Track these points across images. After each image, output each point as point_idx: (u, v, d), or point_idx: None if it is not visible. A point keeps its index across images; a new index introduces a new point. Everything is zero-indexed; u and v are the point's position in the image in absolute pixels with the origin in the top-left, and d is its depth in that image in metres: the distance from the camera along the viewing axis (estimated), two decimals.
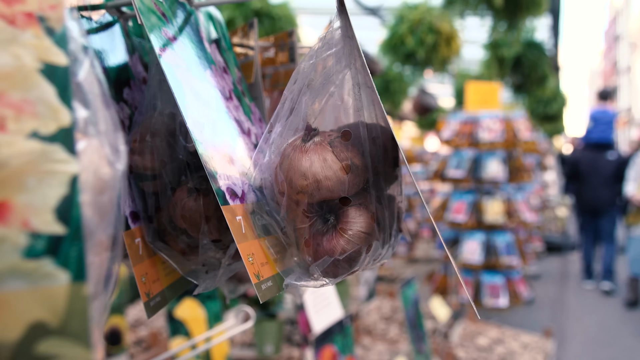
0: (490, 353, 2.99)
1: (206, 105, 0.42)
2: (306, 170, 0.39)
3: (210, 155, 0.40)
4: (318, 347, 1.65)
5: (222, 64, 0.47)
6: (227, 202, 0.40)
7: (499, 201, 4.20)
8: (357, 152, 0.41)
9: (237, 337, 2.75)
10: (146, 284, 0.43)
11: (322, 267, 0.41)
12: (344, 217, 0.41)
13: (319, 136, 0.42)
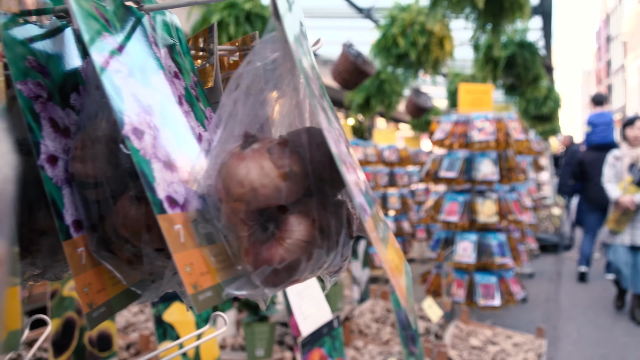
0: (483, 353, 2.99)
1: (148, 112, 0.41)
2: (243, 178, 0.39)
3: (148, 162, 0.39)
4: (306, 350, 1.64)
5: (174, 68, 0.47)
6: (164, 211, 0.39)
7: (492, 201, 4.20)
8: (297, 159, 0.40)
9: (229, 340, 2.74)
10: (89, 294, 0.42)
11: (262, 277, 0.40)
12: (284, 225, 0.41)
13: (257, 143, 0.41)
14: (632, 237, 4.89)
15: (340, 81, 5.60)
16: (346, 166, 0.38)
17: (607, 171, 5.13)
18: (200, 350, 2.03)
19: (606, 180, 5.11)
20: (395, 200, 7.12)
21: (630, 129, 4.98)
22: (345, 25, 7.09)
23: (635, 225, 4.90)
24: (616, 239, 4.98)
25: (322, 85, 0.47)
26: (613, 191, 4.97)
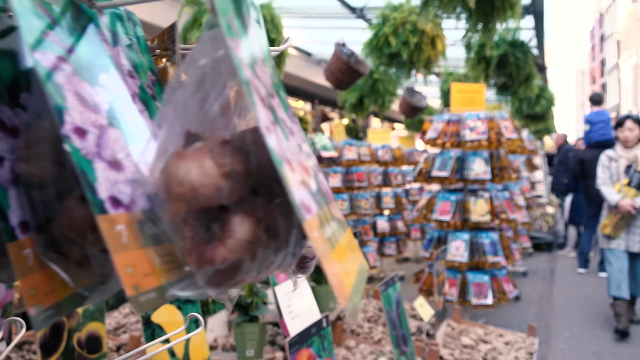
0: (474, 352, 3.00)
1: (94, 110, 0.41)
2: (183, 178, 0.38)
3: (90, 162, 0.39)
4: (294, 350, 1.64)
5: (128, 67, 0.46)
6: (105, 211, 0.39)
7: (484, 200, 4.21)
8: (241, 158, 0.40)
9: (220, 340, 2.73)
10: (35, 296, 0.42)
11: (205, 277, 0.40)
12: (226, 225, 0.40)
13: (200, 142, 0.41)
14: (627, 243, 4.63)
15: (332, 81, 5.60)
16: (290, 165, 0.38)
17: (600, 173, 4.85)
18: (189, 350, 2.02)
19: (601, 183, 4.82)
20: (389, 199, 7.13)
21: (620, 130, 4.74)
22: (339, 25, 7.08)
23: (630, 230, 4.63)
24: (611, 244, 4.71)
25: (276, 83, 0.47)
26: (611, 194, 4.66)
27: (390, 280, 2.58)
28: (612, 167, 4.78)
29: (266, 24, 3.50)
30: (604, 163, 4.86)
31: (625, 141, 4.69)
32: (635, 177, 4.59)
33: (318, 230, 0.37)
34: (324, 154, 4.83)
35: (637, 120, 4.69)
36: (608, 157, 4.84)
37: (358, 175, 6.20)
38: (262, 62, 0.45)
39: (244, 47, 0.39)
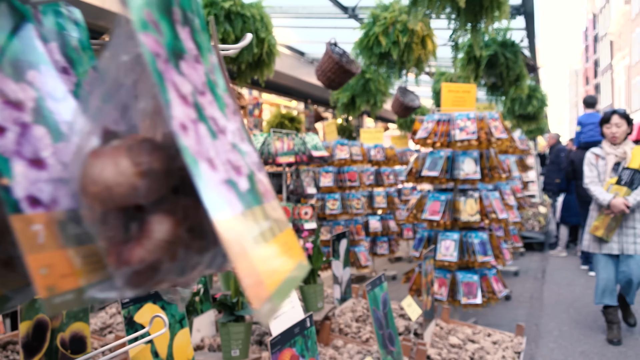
0: (462, 351, 3.00)
1: (16, 107, 0.40)
2: (97, 176, 0.38)
3: (7, 160, 0.38)
4: (276, 350, 1.64)
5: (63, 63, 0.46)
6: (20, 211, 0.39)
7: (474, 200, 4.22)
8: (160, 156, 0.39)
9: (207, 340, 2.72)
10: None
11: (124, 278, 0.40)
12: (145, 225, 0.40)
13: (118, 140, 0.41)
14: (620, 246, 4.32)
15: (324, 80, 5.60)
16: (211, 163, 0.38)
17: (588, 172, 4.52)
18: (173, 350, 2.01)
19: (589, 182, 4.49)
20: (382, 199, 7.15)
21: (607, 126, 4.44)
22: (332, 25, 7.08)
23: (623, 231, 4.34)
24: (603, 248, 4.39)
25: (212, 81, 0.46)
26: (602, 194, 4.33)
27: (377, 280, 2.58)
28: (599, 165, 4.48)
29: (255, 23, 3.49)
30: (591, 161, 4.54)
31: (613, 137, 4.40)
32: (625, 175, 4.31)
33: (234, 230, 0.36)
34: (314, 153, 4.83)
35: (624, 115, 4.45)
36: (595, 154, 4.55)
37: (350, 174, 6.21)
38: (193, 59, 0.44)
39: (164, 42, 0.39)
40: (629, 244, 4.31)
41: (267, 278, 0.38)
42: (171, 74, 0.38)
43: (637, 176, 4.27)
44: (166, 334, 2.00)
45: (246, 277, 0.35)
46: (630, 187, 4.27)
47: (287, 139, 4.95)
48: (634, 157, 4.31)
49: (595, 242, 4.46)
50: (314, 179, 5.14)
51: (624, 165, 4.35)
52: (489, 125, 4.18)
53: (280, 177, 5.09)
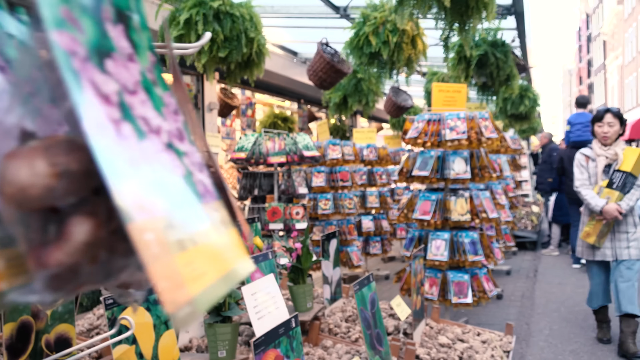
0: (451, 350, 3.00)
1: None
2: (12, 178, 0.37)
3: None
4: (259, 351, 1.63)
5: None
6: None
7: (464, 200, 4.22)
8: (79, 157, 0.39)
9: (195, 341, 2.72)
10: None
11: (43, 281, 0.39)
12: (65, 227, 0.39)
13: (36, 141, 0.40)
14: (614, 252, 4.10)
15: (315, 80, 5.60)
16: (134, 164, 0.37)
17: (578, 174, 4.26)
18: (158, 352, 2.01)
19: (579, 185, 4.23)
20: (374, 199, 7.15)
21: (599, 125, 4.17)
22: (324, 25, 7.08)
23: (615, 236, 4.10)
24: (596, 254, 4.16)
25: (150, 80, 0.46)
26: (593, 199, 4.06)
27: (365, 280, 2.58)
28: (589, 167, 4.22)
29: (245, 23, 3.49)
30: (581, 162, 4.28)
31: (604, 137, 4.13)
32: (617, 178, 4.05)
33: (151, 232, 0.36)
34: (306, 153, 4.83)
35: (618, 115, 4.18)
36: (585, 156, 4.27)
37: (342, 174, 6.21)
38: (126, 57, 0.44)
39: (85, 40, 0.38)
40: (622, 249, 4.08)
41: (191, 281, 0.37)
42: (91, 73, 0.38)
43: (630, 179, 4.02)
44: (151, 334, 1.99)
45: (161, 280, 0.35)
46: (622, 191, 4.01)
47: (278, 139, 4.95)
48: (625, 159, 4.05)
49: (588, 248, 4.23)
50: (306, 179, 5.14)
51: (615, 167, 4.08)
52: (479, 125, 4.19)
53: (272, 177, 5.09)
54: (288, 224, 4.97)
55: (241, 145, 4.88)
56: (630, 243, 4.07)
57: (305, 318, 2.99)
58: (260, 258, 2.70)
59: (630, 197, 4.01)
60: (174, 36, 3.38)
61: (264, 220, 4.97)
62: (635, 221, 4.15)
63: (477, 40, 4.90)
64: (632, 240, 4.07)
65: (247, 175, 5.10)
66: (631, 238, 4.08)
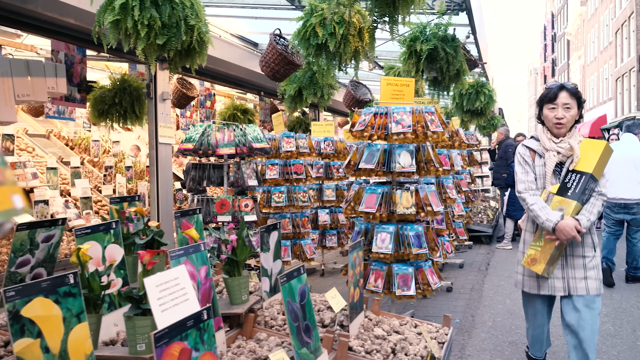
0: (385, 342, 3.01)
1: None
2: None
3: None
4: (161, 344, 1.59)
5: None
6: None
7: (409, 193, 4.24)
8: None
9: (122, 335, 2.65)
10: None
11: None
12: None
13: None
14: (565, 283, 2.99)
15: (267, 72, 5.55)
16: None
17: (520, 174, 3.13)
18: (67, 345, 1.94)
19: (523, 190, 3.08)
20: (331, 192, 7.15)
21: (551, 107, 3.03)
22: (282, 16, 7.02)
23: (568, 262, 3.00)
24: (542, 287, 3.05)
25: None
26: (543, 211, 2.91)
27: (294, 272, 2.56)
28: (536, 166, 3.10)
29: (185, 10, 3.41)
30: (525, 158, 3.14)
31: (558, 125, 3.00)
32: (573, 181, 2.92)
33: None
34: (255, 145, 4.78)
35: (575, 93, 3.04)
36: (530, 149, 3.15)
37: (296, 167, 6.18)
38: None
39: None
40: (577, 279, 2.97)
41: None
42: None
43: (590, 184, 2.91)
44: (60, 328, 1.92)
45: None
46: (580, 200, 2.89)
47: (227, 130, 4.88)
48: (584, 156, 2.95)
49: (530, 278, 3.12)
50: (256, 171, 5.09)
51: (571, 166, 2.98)
52: (425, 119, 4.21)
53: (222, 169, 5.02)
54: (237, 216, 4.92)
55: (189, 136, 4.79)
56: (588, 272, 2.99)
57: (239, 311, 2.95)
58: (191, 249, 2.65)
59: (591, 210, 2.92)
60: (109, 21, 3.29)
61: (212, 212, 4.91)
62: (594, 242, 3.06)
63: (427, 35, 4.92)
64: (590, 268, 3.00)
65: (196, 166, 5.02)
66: (589, 265, 3.00)
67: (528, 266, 3.03)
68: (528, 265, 3.03)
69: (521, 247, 3.26)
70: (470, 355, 3.96)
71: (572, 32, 44.68)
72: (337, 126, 13.16)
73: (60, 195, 6.56)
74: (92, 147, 8.21)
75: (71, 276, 1.94)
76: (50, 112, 6.68)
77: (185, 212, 3.48)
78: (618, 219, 6.01)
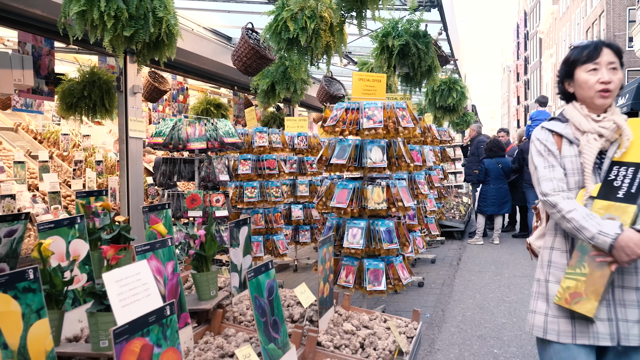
0: (353, 337, 3.02)
1: None
2: None
3: None
4: (120, 340, 1.56)
5: None
6: None
7: (380, 189, 4.26)
8: None
9: (85, 331, 2.61)
10: None
11: None
12: None
13: None
14: (614, 328, 1.97)
15: (240, 66, 5.50)
16: None
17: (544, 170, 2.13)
18: (27, 342, 1.89)
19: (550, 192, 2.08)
20: (305, 188, 7.14)
21: (591, 69, 2.09)
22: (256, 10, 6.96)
23: (615, 298, 2.00)
24: (579, 334, 2.01)
25: None
26: (589, 220, 1.97)
27: (262, 267, 2.54)
28: (566, 157, 2.12)
29: (153, 2, 3.35)
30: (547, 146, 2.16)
31: (604, 91, 2.08)
32: (625, 177, 2.02)
33: None
34: (226, 140, 4.74)
35: (619, 53, 2.13)
36: (553, 133, 2.19)
37: (269, 162, 6.15)
38: None
39: None
40: (630, 323, 1.98)
41: None
42: None
43: None
44: (19, 324, 1.88)
45: None
46: (636, 202, 1.98)
47: (198, 124, 4.83)
48: (637, 140, 2.05)
49: (561, 320, 2.05)
50: (227, 166, 5.05)
51: (614, 156, 2.07)
52: (396, 115, 4.23)
53: (193, 163, 4.97)
54: (208, 212, 4.87)
55: (159, 130, 4.73)
56: None
57: (207, 306, 2.93)
58: (158, 245, 2.61)
59: None
60: (74, 12, 3.21)
61: (183, 207, 4.85)
62: None
63: (399, 31, 4.94)
64: None
65: (167, 161, 4.95)
66: None
67: (568, 305, 1.99)
68: (568, 305, 1.99)
69: (542, 273, 2.17)
70: (440, 349, 4.00)
71: (544, 31, 45.45)
72: (312, 122, 13.14)
73: (27, 190, 6.42)
74: (62, 141, 8.04)
75: (31, 271, 1.89)
76: (18, 104, 6.52)
77: (154, 207, 3.43)
78: None
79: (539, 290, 2.17)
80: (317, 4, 3.28)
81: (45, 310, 2.00)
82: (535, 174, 2.19)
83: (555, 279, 2.11)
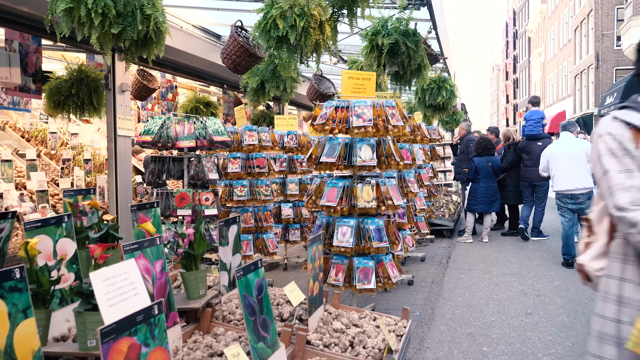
0: (343, 335, 3.02)
1: None
2: None
3: None
4: (108, 339, 1.55)
5: None
6: None
7: (370, 187, 4.26)
8: None
9: (73, 331, 2.59)
10: None
11: None
12: None
13: None
14: None
15: (229, 64, 5.48)
16: None
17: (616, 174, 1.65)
18: (13, 341, 1.87)
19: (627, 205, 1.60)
20: (294, 186, 7.13)
21: None
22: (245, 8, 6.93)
23: None
24: None
25: None
26: None
27: (251, 266, 2.54)
28: None
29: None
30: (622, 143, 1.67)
31: None
32: None
33: None
34: (216, 138, 4.72)
35: None
36: (630, 126, 1.69)
37: (259, 161, 6.14)
38: None
39: None
40: None
41: None
42: None
43: None
44: (5, 323, 1.86)
45: None
46: None
47: (187, 123, 4.80)
48: None
49: None
50: (217, 165, 5.03)
51: None
52: (386, 113, 4.23)
53: (182, 162, 4.94)
54: (197, 210, 4.85)
55: (148, 129, 4.70)
56: None
57: (196, 305, 2.91)
58: (146, 243, 2.59)
59: None
60: (61, 9, 3.18)
61: (172, 206, 4.83)
62: None
63: (389, 29, 4.94)
64: None
65: (156, 159, 4.93)
66: None
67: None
68: None
69: (609, 310, 1.74)
70: (429, 347, 4.02)
71: (533, 30, 45.73)
72: (301, 120, 13.13)
73: (15, 189, 6.35)
74: (50, 140, 7.97)
75: (17, 270, 1.87)
76: (5, 103, 6.45)
77: (142, 205, 3.41)
78: (569, 208, 6.76)
79: (605, 331, 1.72)
80: (306, 1, 3.28)
81: (32, 309, 1.98)
82: (604, 180, 1.68)
83: (629, 319, 1.64)
